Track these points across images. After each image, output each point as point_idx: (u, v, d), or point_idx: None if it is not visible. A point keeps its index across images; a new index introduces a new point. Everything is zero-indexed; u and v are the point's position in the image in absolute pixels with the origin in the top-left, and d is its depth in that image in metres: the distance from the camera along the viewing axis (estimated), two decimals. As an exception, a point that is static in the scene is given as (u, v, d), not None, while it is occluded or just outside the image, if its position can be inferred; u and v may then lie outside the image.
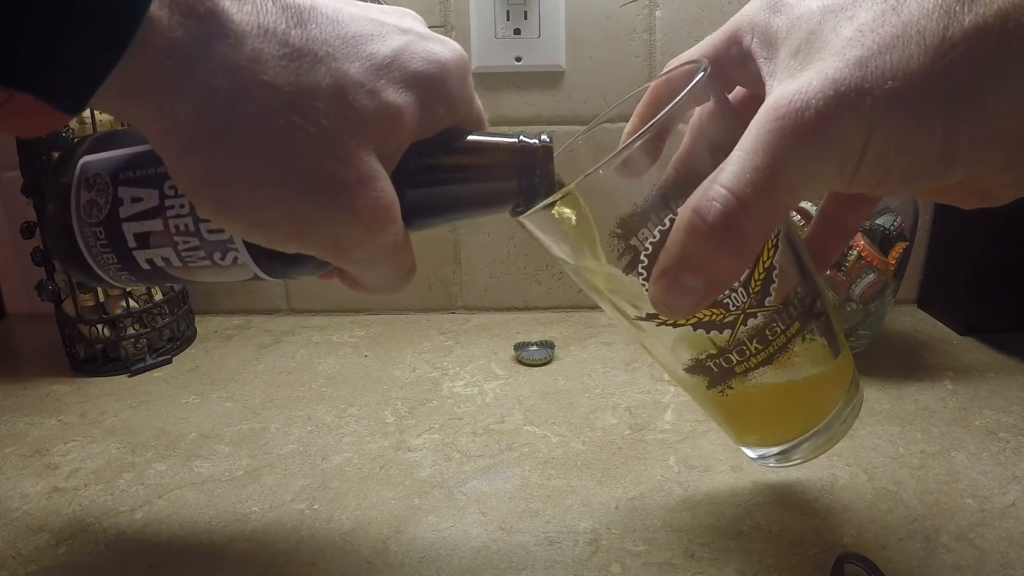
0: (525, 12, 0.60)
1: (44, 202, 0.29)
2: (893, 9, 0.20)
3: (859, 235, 0.49)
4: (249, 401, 0.51)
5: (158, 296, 0.60)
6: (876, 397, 0.47)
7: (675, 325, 0.27)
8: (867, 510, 0.36)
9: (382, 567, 0.33)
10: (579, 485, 0.39)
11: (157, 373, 0.57)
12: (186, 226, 0.26)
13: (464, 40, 0.62)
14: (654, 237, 0.24)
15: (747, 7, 0.25)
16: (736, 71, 0.27)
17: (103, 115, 0.55)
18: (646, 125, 0.24)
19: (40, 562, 0.35)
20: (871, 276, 0.49)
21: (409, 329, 0.65)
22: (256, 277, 0.28)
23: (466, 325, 0.66)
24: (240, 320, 0.70)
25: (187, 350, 0.62)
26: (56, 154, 0.53)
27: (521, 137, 0.27)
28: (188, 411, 0.50)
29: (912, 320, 0.62)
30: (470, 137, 0.27)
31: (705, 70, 0.25)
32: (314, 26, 0.22)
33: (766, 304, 0.27)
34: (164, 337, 0.62)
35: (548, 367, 0.55)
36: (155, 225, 0.26)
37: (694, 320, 0.27)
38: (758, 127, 0.21)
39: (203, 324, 0.68)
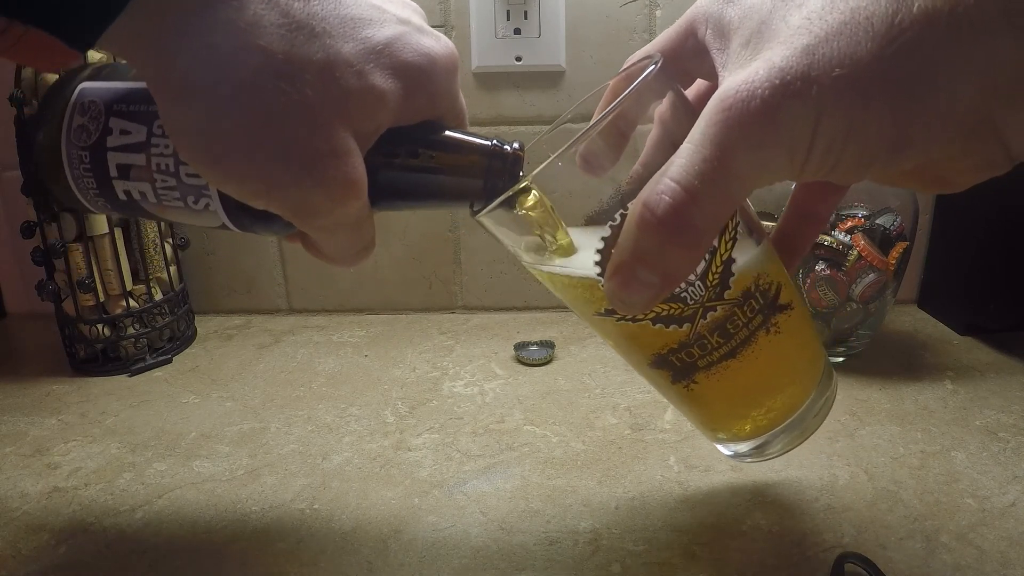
0: (525, 12, 0.60)
1: (38, 118, 0.30)
2: None
3: (859, 235, 0.49)
4: (249, 401, 0.51)
5: (158, 296, 0.60)
6: (876, 397, 0.47)
7: (634, 320, 0.27)
8: (867, 510, 0.36)
9: (382, 567, 0.33)
10: (579, 485, 0.39)
11: (157, 373, 0.57)
12: (167, 166, 0.27)
13: (464, 40, 0.62)
14: (606, 232, 0.24)
15: None
16: (694, 64, 0.27)
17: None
18: (598, 116, 0.24)
19: (40, 562, 0.35)
20: (871, 276, 0.49)
21: (409, 329, 0.65)
22: (224, 226, 0.29)
23: (466, 325, 0.66)
24: (240, 320, 0.70)
25: (187, 350, 0.62)
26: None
27: (495, 141, 0.27)
28: (188, 411, 0.50)
29: (912, 320, 0.62)
30: (447, 132, 0.28)
31: (656, 63, 0.25)
32: (317, 2, 0.23)
33: (725, 297, 0.26)
34: (164, 337, 0.62)
35: (548, 367, 0.55)
36: (138, 160, 0.27)
37: (652, 315, 0.27)
38: (706, 119, 0.21)
39: (203, 324, 0.68)
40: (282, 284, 0.71)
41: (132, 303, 0.58)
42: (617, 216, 0.24)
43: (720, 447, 0.34)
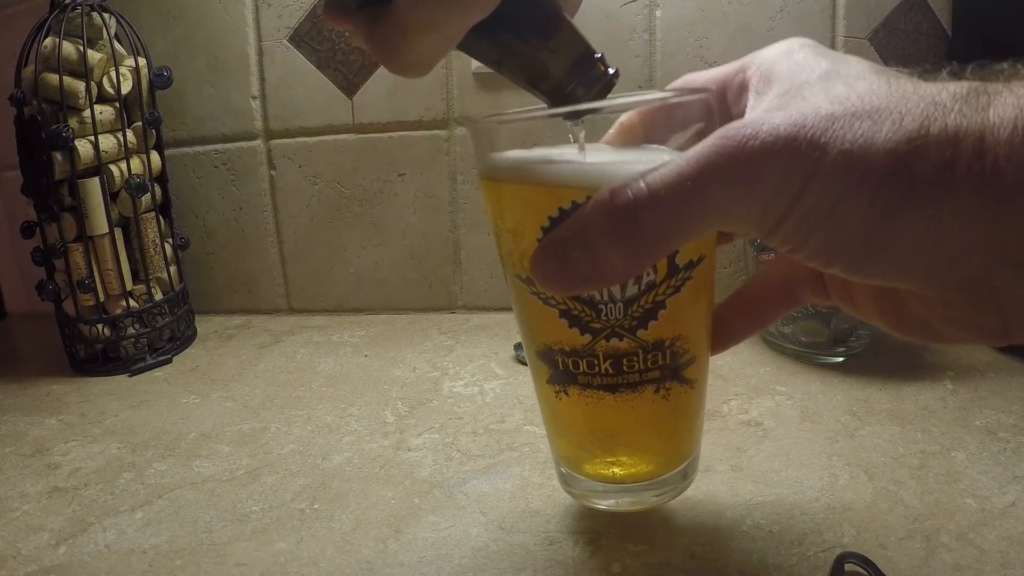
0: (525, 12, 0.60)
1: None
2: (888, 85, 0.20)
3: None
4: (249, 401, 0.51)
5: (158, 296, 0.60)
6: (876, 397, 0.47)
7: (545, 301, 0.27)
8: (867, 510, 0.36)
9: (382, 567, 0.33)
10: (579, 485, 0.39)
11: (157, 373, 0.57)
12: None
13: (464, 40, 0.62)
14: (567, 205, 0.24)
15: (775, 45, 0.25)
16: (735, 99, 0.26)
17: (102, 116, 0.55)
18: (635, 97, 0.24)
19: (40, 562, 0.35)
20: (871, 276, 0.49)
21: (409, 329, 0.65)
22: None
23: (466, 325, 0.66)
24: (240, 320, 0.70)
25: (187, 350, 0.62)
26: (57, 154, 0.53)
27: (601, 54, 0.26)
28: (188, 411, 0.50)
29: (912, 320, 0.62)
30: (565, 17, 0.26)
31: (704, 94, 0.25)
32: None
33: (637, 334, 0.26)
34: (164, 337, 0.62)
35: (548, 367, 0.55)
36: None
37: (564, 306, 0.26)
38: (706, 142, 0.20)
39: (203, 324, 0.68)
40: (282, 284, 0.71)
41: (132, 303, 0.58)
42: (586, 196, 0.23)
43: (556, 470, 0.34)
